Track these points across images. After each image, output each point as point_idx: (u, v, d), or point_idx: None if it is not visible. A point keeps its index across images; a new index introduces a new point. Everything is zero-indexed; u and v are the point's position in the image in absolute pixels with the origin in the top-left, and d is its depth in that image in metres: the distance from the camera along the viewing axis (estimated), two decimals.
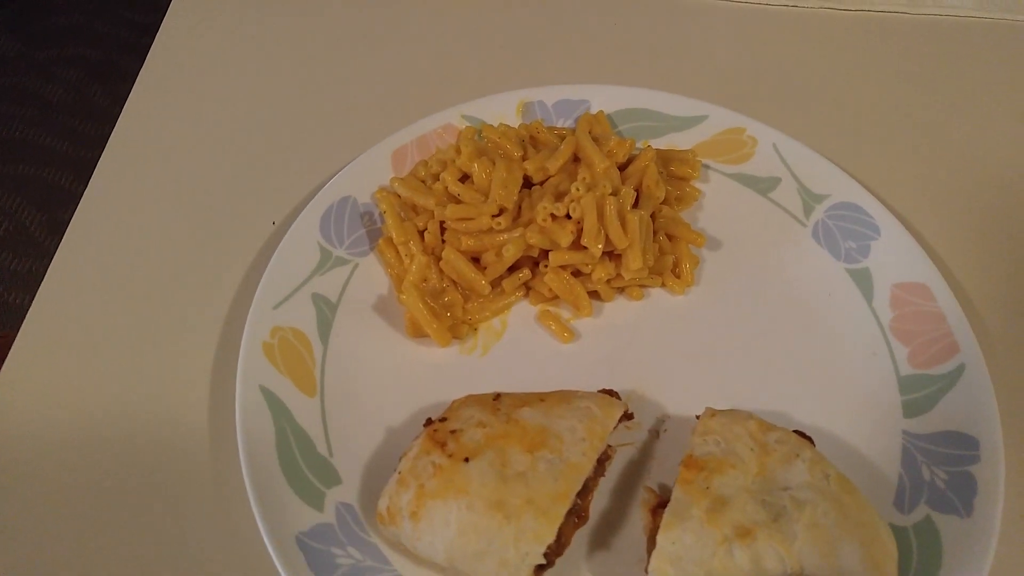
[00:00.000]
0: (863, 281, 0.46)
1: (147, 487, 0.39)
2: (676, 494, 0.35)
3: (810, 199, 0.49)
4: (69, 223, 0.50)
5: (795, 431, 0.38)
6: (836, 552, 0.33)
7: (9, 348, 0.44)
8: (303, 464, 0.38)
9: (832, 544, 0.33)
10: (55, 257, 0.48)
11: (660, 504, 0.37)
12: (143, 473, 0.40)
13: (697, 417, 0.39)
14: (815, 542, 0.33)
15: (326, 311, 0.44)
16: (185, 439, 0.41)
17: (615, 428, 0.38)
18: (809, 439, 0.38)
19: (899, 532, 0.37)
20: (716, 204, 0.50)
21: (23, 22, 1.82)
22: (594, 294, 0.46)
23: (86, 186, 0.52)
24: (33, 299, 0.46)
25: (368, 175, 0.48)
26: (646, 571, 0.35)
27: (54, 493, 0.39)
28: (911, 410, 0.41)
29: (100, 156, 0.53)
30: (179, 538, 0.38)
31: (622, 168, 0.48)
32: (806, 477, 0.35)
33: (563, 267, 0.45)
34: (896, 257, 0.46)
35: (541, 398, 0.39)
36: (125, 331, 0.45)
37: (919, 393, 0.42)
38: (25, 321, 0.45)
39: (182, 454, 0.40)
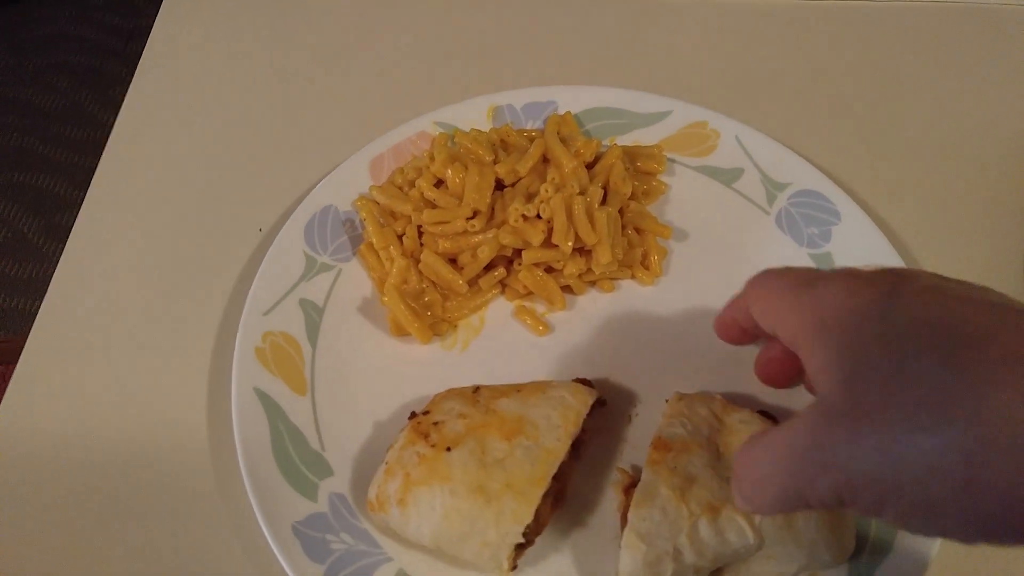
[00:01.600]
0: (826, 266, 0.49)
1: (152, 484, 0.42)
2: (645, 474, 0.37)
3: (773, 188, 0.52)
4: (68, 236, 0.52)
5: (760, 411, 0.41)
6: (794, 521, 0.36)
7: (13, 352, 0.46)
8: (297, 458, 0.41)
9: (790, 515, 0.36)
10: (55, 274, 0.50)
11: (632, 484, 0.39)
12: (148, 471, 0.43)
13: (667, 401, 0.41)
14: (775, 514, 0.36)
15: (314, 315, 0.46)
16: (186, 439, 0.44)
17: (589, 414, 0.41)
18: (773, 419, 0.41)
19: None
20: (682, 197, 0.52)
21: (11, 32, 1.82)
22: (567, 288, 0.48)
23: (81, 192, 0.55)
24: (35, 306, 0.49)
25: (347, 184, 0.51)
26: (620, 547, 0.38)
27: (64, 488, 0.42)
28: None
29: (92, 162, 0.55)
30: (183, 530, 0.41)
31: (590, 166, 0.50)
32: None
33: (536, 264, 0.47)
34: (857, 241, 0.48)
35: (518, 389, 0.42)
36: (126, 337, 0.48)
37: None
38: (29, 339, 0.48)
39: (184, 454, 0.43)
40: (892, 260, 0.47)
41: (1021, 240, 0.51)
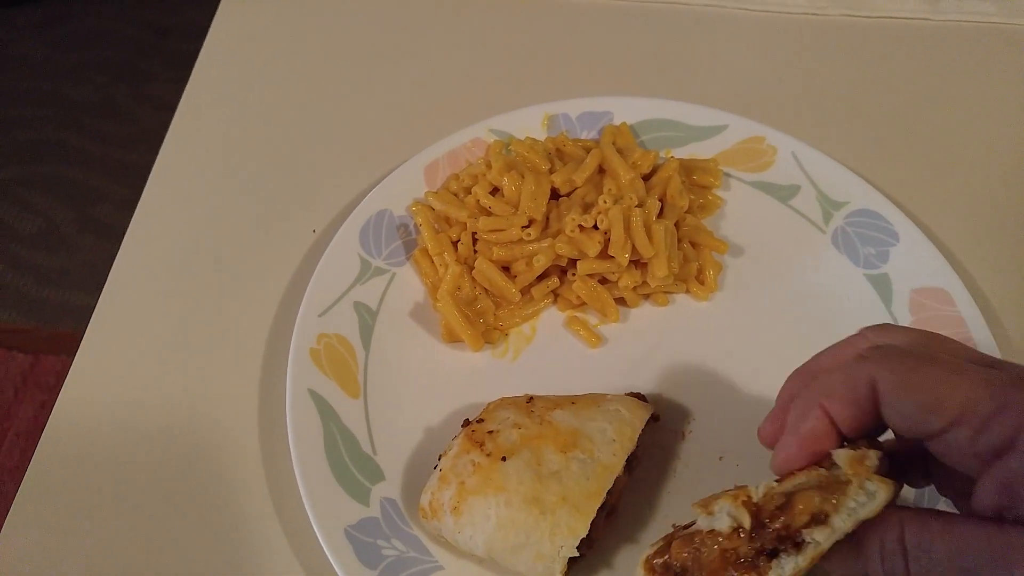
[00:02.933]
0: (882, 286, 0.48)
1: (204, 486, 0.42)
2: None
3: (829, 206, 0.51)
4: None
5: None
6: None
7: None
8: (349, 462, 0.41)
9: None
10: (111, 271, 0.51)
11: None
12: (200, 472, 0.43)
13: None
14: None
15: (367, 318, 0.47)
16: (237, 439, 0.44)
17: (643, 430, 0.41)
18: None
19: None
20: (738, 212, 0.52)
21: (49, 27, 1.86)
22: (620, 300, 0.48)
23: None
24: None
25: (402, 189, 0.51)
26: None
27: (115, 483, 0.43)
28: None
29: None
30: (234, 529, 0.41)
31: (646, 178, 0.50)
32: None
33: (590, 275, 0.47)
34: (915, 263, 0.48)
35: (572, 400, 0.41)
36: (179, 335, 0.48)
37: None
38: (85, 335, 0.48)
39: (236, 454, 0.43)
40: (952, 283, 0.46)
41: None
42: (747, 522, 0.29)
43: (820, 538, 0.28)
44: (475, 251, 0.48)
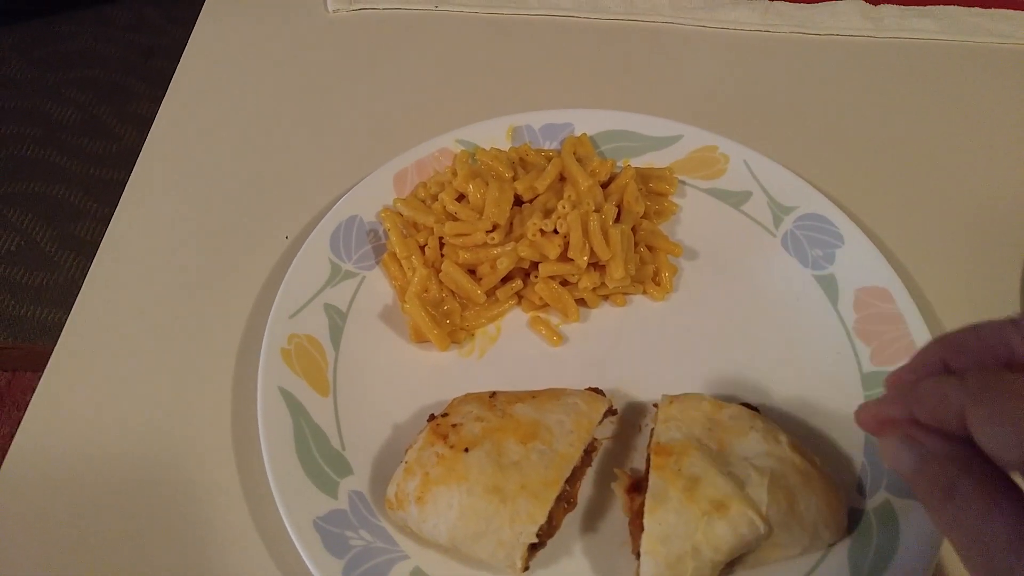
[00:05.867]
0: (829, 286, 0.51)
1: (178, 484, 0.44)
2: (653, 480, 0.39)
3: (779, 211, 0.54)
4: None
5: (743, 403, 0.43)
6: (796, 506, 0.38)
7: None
8: (318, 456, 0.43)
9: (793, 500, 0.38)
10: (88, 275, 0.52)
11: (632, 484, 0.41)
12: (174, 471, 0.44)
13: (655, 406, 0.43)
14: (779, 501, 0.38)
15: (337, 319, 0.48)
16: (211, 440, 0.45)
17: (600, 422, 0.43)
18: (756, 409, 0.43)
19: (862, 515, 0.41)
20: (692, 217, 0.55)
21: (34, 47, 1.87)
22: (581, 301, 0.50)
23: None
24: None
25: (372, 196, 0.53)
26: (634, 552, 0.39)
27: (92, 480, 0.44)
28: None
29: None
30: (208, 528, 0.42)
31: (604, 186, 0.53)
32: (762, 446, 0.40)
33: (552, 277, 0.49)
34: (859, 264, 0.50)
35: (533, 395, 0.43)
36: (154, 339, 0.49)
37: (880, 388, 0.46)
38: (61, 337, 0.49)
39: (209, 451, 0.45)
40: (892, 282, 0.49)
41: (1017, 265, 0.53)
42: (623, 497, 0.41)
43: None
44: (442, 255, 0.50)
